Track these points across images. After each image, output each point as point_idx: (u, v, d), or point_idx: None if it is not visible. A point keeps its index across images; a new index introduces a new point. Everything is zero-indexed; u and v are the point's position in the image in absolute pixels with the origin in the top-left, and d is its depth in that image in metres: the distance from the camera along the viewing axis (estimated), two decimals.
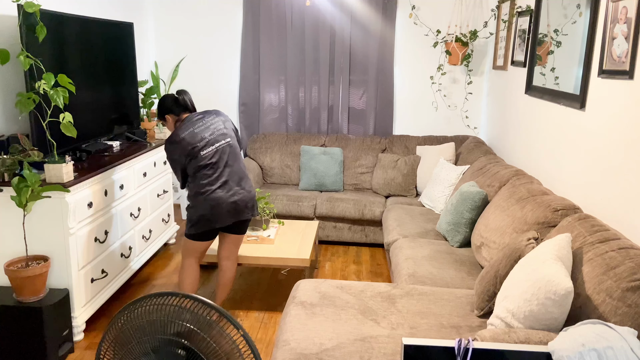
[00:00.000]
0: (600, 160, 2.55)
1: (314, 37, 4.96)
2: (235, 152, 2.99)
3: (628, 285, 1.79)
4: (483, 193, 3.29)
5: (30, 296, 2.69)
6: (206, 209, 2.87)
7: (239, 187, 2.94)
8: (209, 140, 2.89)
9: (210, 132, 2.91)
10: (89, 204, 3.00)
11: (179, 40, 5.16)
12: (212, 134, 2.91)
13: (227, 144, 2.95)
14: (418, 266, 2.99)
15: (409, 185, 4.59)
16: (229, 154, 2.94)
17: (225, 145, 2.93)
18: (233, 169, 2.94)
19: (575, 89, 2.85)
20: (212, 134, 2.91)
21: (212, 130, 2.92)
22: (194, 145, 2.86)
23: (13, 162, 2.77)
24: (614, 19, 2.41)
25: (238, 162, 2.98)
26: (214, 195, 2.87)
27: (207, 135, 2.89)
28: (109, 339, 1.77)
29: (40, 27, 2.82)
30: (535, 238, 2.31)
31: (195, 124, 2.92)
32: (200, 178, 2.88)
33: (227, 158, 2.92)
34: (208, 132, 2.91)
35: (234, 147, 2.98)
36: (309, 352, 2.05)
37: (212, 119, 2.96)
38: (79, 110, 3.37)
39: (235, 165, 2.96)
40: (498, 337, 1.84)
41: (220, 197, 2.88)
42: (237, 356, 1.66)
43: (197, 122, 2.93)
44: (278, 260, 3.31)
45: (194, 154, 2.86)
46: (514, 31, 4.08)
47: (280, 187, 4.80)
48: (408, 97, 5.10)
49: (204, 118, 2.96)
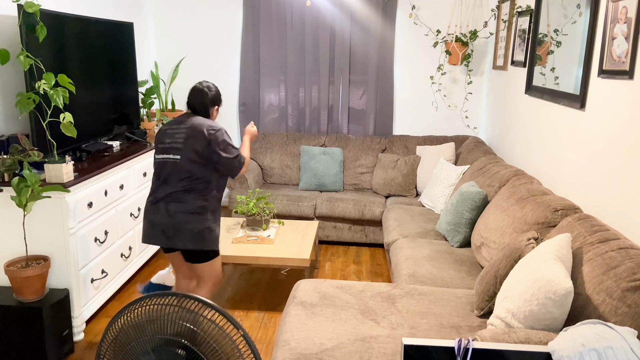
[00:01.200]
0: (600, 160, 2.55)
1: (314, 37, 4.96)
2: (179, 171, 2.58)
3: (628, 285, 1.79)
4: (483, 193, 3.29)
5: (30, 296, 2.69)
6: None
7: (165, 208, 2.58)
8: (164, 147, 2.64)
9: (170, 139, 2.63)
10: (89, 204, 3.00)
11: (179, 40, 5.16)
12: (170, 142, 2.63)
13: (173, 161, 2.59)
14: (418, 266, 2.99)
15: (409, 185, 4.59)
16: (170, 171, 2.59)
17: (170, 161, 2.60)
18: (168, 187, 2.59)
19: (575, 89, 2.85)
20: (170, 143, 2.63)
21: (172, 139, 2.63)
22: (157, 144, 2.69)
23: (13, 162, 2.77)
24: (614, 19, 2.41)
25: (178, 183, 2.59)
26: (146, 206, 2.68)
27: (167, 141, 2.64)
28: (109, 339, 1.77)
29: (40, 27, 2.82)
30: (535, 238, 2.31)
31: (172, 124, 2.69)
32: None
33: (166, 174, 2.60)
34: (169, 138, 2.64)
35: (179, 167, 2.58)
36: (309, 352, 2.05)
37: (181, 128, 2.63)
38: (79, 110, 3.37)
39: (172, 184, 2.59)
40: (498, 337, 1.84)
41: (146, 209, 2.65)
42: (237, 356, 1.66)
43: (175, 123, 2.69)
44: (278, 260, 3.31)
45: (155, 152, 2.72)
46: (514, 31, 4.08)
47: (280, 187, 4.80)
48: (408, 97, 5.10)
49: (181, 123, 2.66)
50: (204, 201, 2.61)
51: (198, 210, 2.60)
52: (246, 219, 3.72)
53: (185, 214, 2.58)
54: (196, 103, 2.72)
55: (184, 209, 2.58)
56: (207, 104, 2.72)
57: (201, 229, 2.60)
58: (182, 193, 2.59)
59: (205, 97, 2.71)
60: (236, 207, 3.75)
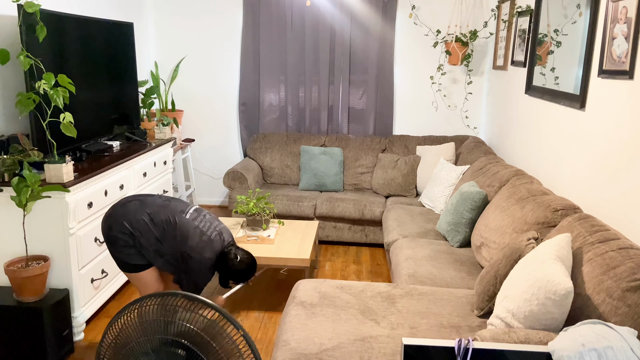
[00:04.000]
0: (600, 160, 2.55)
1: (314, 37, 4.96)
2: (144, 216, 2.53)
3: (628, 285, 1.79)
4: (483, 193, 3.29)
5: (30, 296, 2.69)
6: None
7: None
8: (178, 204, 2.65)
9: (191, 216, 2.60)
10: (89, 204, 3.00)
11: (179, 40, 5.16)
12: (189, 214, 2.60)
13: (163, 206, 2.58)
14: (418, 266, 2.99)
15: (409, 185, 4.59)
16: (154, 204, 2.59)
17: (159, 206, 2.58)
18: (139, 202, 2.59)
19: (575, 89, 2.85)
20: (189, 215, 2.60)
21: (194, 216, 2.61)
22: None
23: (13, 162, 2.77)
24: (614, 19, 2.41)
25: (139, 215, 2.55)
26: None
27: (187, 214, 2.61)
28: (109, 339, 1.77)
29: (40, 27, 2.82)
30: (535, 238, 2.31)
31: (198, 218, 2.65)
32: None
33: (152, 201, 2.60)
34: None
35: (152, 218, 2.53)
36: (309, 352, 2.05)
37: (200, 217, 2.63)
38: (79, 110, 3.37)
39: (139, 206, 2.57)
40: (498, 337, 1.84)
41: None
42: (237, 356, 1.66)
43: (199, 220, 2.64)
44: (278, 260, 3.31)
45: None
46: (514, 31, 4.08)
47: (280, 187, 4.80)
48: (408, 97, 5.10)
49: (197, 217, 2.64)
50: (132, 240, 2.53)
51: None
52: (246, 219, 3.72)
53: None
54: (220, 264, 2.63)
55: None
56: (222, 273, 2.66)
57: (114, 235, 2.52)
58: (135, 213, 2.53)
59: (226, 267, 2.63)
60: (236, 207, 3.75)
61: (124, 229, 2.50)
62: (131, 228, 2.50)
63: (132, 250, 2.52)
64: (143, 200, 2.61)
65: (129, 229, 2.50)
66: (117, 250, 2.53)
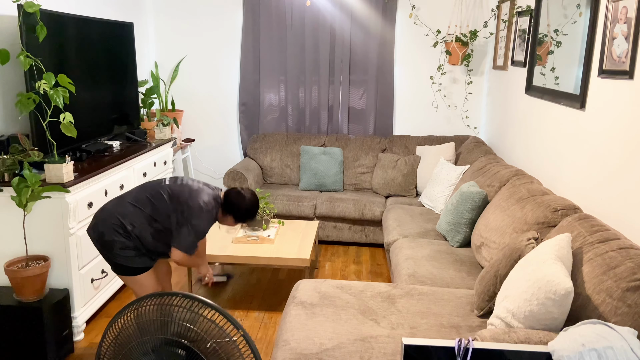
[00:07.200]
0: (600, 160, 2.55)
1: (314, 37, 4.96)
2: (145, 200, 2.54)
3: (628, 285, 1.79)
4: (483, 193, 3.29)
5: (30, 296, 2.69)
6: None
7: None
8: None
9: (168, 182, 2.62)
10: (89, 204, 3.00)
11: (179, 40, 5.16)
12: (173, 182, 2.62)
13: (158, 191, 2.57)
14: (418, 266, 2.99)
15: (409, 185, 4.59)
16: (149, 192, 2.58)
17: (155, 190, 2.58)
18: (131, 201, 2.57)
19: (575, 89, 2.85)
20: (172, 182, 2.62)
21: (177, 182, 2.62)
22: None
23: (13, 162, 2.77)
24: (614, 19, 2.41)
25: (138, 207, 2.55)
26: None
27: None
28: (109, 339, 1.77)
29: (40, 27, 2.82)
30: (535, 238, 2.31)
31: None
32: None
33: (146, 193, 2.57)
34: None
35: (154, 196, 2.55)
36: (309, 352, 2.05)
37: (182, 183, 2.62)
38: (79, 110, 3.37)
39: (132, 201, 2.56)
40: (498, 337, 1.84)
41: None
42: (237, 356, 1.66)
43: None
44: (278, 260, 3.31)
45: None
46: (514, 31, 4.08)
47: (280, 187, 4.80)
48: (408, 97, 5.10)
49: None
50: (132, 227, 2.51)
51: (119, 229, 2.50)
52: None
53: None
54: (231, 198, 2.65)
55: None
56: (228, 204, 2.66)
57: (110, 240, 2.48)
58: (131, 206, 2.52)
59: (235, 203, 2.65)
60: None
61: (116, 227, 2.46)
62: (122, 220, 2.47)
63: (131, 252, 2.50)
64: (119, 196, 2.59)
65: (120, 222, 2.46)
66: (114, 255, 2.49)
